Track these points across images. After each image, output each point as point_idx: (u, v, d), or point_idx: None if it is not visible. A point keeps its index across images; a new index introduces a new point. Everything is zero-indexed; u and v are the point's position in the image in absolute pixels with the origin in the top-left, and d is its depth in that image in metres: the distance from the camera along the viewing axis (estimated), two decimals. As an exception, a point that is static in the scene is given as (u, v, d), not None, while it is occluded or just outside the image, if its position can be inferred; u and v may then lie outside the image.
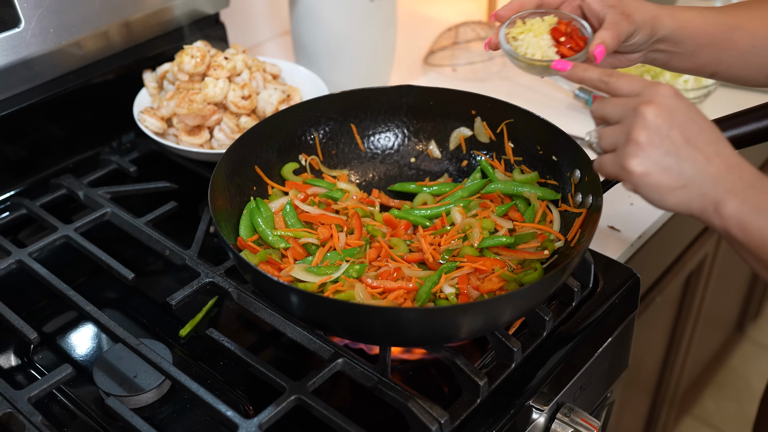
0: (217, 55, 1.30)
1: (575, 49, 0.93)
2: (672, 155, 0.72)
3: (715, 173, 0.72)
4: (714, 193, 0.71)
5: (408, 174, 1.17)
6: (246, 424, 0.84)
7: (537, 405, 0.93)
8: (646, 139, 0.72)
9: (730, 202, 0.71)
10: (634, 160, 0.73)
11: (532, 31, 0.94)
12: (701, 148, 0.72)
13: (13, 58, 1.15)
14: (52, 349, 1.05)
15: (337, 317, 0.85)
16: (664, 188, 0.73)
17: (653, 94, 0.74)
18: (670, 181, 0.72)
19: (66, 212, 1.25)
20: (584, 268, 1.05)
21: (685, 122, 0.73)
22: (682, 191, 0.72)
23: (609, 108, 0.78)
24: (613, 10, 0.92)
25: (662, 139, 0.72)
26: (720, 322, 2.22)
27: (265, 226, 1.00)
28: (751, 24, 0.96)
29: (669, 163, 0.72)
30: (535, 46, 0.93)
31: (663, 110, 0.73)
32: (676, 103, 0.73)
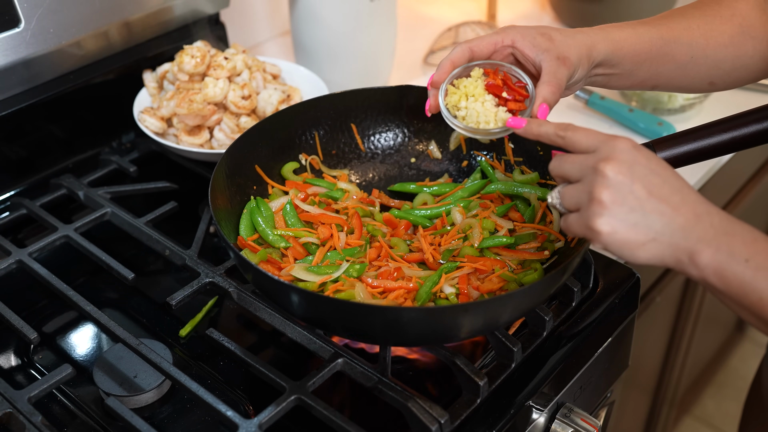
0: (217, 55, 1.30)
1: (519, 99, 0.90)
2: (637, 210, 0.70)
3: (684, 223, 0.70)
4: (685, 243, 0.70)
5: (408, 174, 1.17)
6: (246, 424, 0.84)
7: (537, 405, 0.93)
8: (609, 197, 0.71)
9: (704, 252, 0.69)
10: (599, 219, 0.71)
11: (472, 95, 0.91)
12: (666, 198, 0.71)
13: (13, 58, 1.15)
14: (52, 349, 1.05)
15: (337, 316, 0.85)
16: (634, 244, 0.71)
17: (611, 150, 0.72)
18: (639, 236, 0.71)
19: (66, 212, 1.25)
20: (584, 269, 1.05)
21: (646, 175, 0.71)
22: (652, 245, 0.71)
23: (567, 167, 0.76)
24: (548, 55, 0.89)
25: (625, 195, 0.70)
26: (720, 322, 2.22)
27: (266, 225, 1.00)
28: (687, 35, 0.94)
29: (635, 219, 0.70)
30: (484, 114, 0.90)
31: (623, 165, 0.71)
32: (635, 156, 0.72)
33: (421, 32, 1.80)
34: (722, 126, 0.88)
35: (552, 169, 0.78)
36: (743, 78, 0.99)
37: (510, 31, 0.91)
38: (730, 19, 0.95)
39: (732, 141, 0.88)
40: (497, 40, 0.91)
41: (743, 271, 0.68)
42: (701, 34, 0.94)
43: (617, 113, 1.45)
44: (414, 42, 1.75)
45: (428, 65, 1.68)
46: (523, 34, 0.90)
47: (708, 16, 0.95)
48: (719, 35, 0.95)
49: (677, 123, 1.42)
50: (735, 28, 0.95)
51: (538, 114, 0.87)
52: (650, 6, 1.72)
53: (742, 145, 0.89)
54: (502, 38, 0.91)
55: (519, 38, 0.90)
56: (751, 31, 0.95)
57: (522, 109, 0.90)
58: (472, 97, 0.91)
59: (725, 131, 0.88)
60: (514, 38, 0.90)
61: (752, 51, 0.96)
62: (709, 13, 0.96)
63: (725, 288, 0.70)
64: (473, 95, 0.91)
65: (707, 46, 0.95)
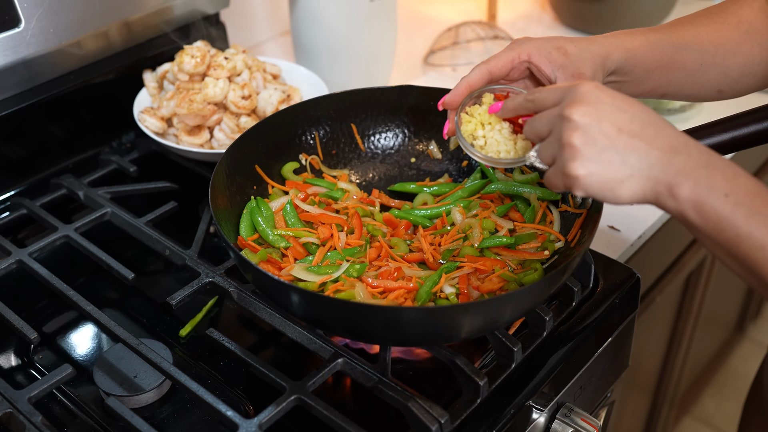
0: (217, 55, 1.30)
1: None
2: (609, 149, 0.70)
3: (660, 156, 0.69)
4: (664, 176, 0.69)
5: (408, 174, 1.17)
6: (246, 424, 0.84)
7: (537, 405, 0.93)
8: (579, 140, 0.71)
9: (683, 185, 0.69)
10: (573, 163, 0.71)
11: (488, 123, 0.90)
12: (638, 133, 0.70)
13: (13, 58, 1.15)
14: (52, 349, 1.05)
15: (337, 316, 0.85)
16: (613, 183, 0.71)
17: (574, 95, 0.72)
18: (616, 174, 0.70)
19: (66, 212, 1.25)
20: (584, 268, 1.05)
21: (613, 113, 0.71)
22: (631, 181, 0.70)
23: (537, 124, 0.76)
24: (563, 72, 0.89)
25: (595, 135, 0.70)
26: (720, 321, 2.22)
27: (266, 225, 1.00)
28: (697, 42, 0.94)
29: (609, 158, 0.70)
30: (504, 143, 0.90)
31: (588, 107, 0.71)
32: (599, 96, 0.71)
33: (421, 32, 1.80)
34: (722, 126, 0.88)
35: (525, 132, 0.79)
36: (751, 85, 0.98)
37: (525, 46, 0.91)
38: (737, 26, 0.95)
39: (732, 141, 0.88)
40: (513, 56, 0.91)
41: (722, 206, 0.68)
42: (710, 41, 0.94)
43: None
44: (414, 42, 1.75)
45: (428, 65, 1.68)
46: (539, 49, 0.90)
47: (715, 24, 0.95)
48: (727, 42, 0.95)
49: (677, 123, 1.42)
50: (742, 35, 0.95)
51: None
52: (650, 6, 1.72)
53: (742, 145, 0.89)
54: (518, 54, 0.91)
55: (535, 53, 0.90)
56: (757, 38, 0.96)
57: None
58: (489, 125, 0.91)
59: (725, 131, 0.88)
60: (530, 53, 0.90)
61: (759, 57, 0.96)
62: (716, 20, 0.96)
63: (703, 223, 0.69)
64: (489, 123, 0.91)
65: (716, 53, 0.95)
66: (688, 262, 1.59)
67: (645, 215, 1.25)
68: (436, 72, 1.67)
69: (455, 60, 1.69)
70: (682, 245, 1.56)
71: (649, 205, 1.24)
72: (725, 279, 1.93)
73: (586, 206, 0.98)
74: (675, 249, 1.53)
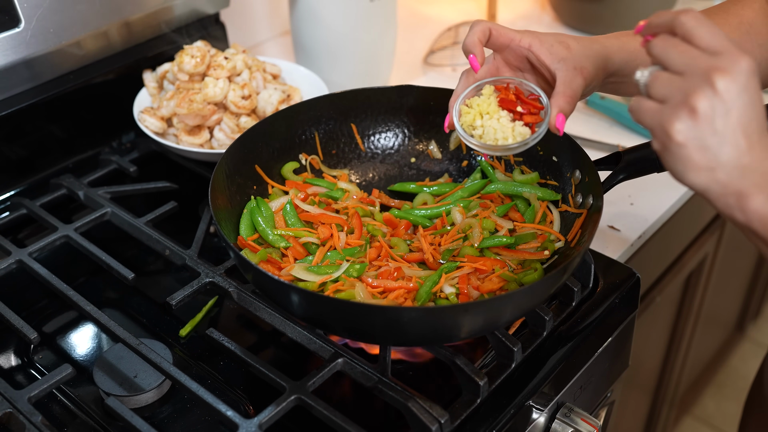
0: (217, 54, 1.30)
1: (534, 112, 0.90)
2: (718, 136, 0.66)
3: (749, 164, 0.67)
4: (739, 184, 0.67)
5: (408, 174, 1.17)
6: (246, 424, 0.84)
7: (537, 405, 0.93)
8: (704, 110, 0.66)
9: (755, 197, 0.67)
10: (680, 125, 0.66)
11: (486, 113, 0.90)
12: (748, 135, 0.67)
13: (13, 58, 1.15)
14: (52, 349, 1.05)
15: (337, 316, 0.85)
16: (692, 164, 0.68)
17: (732, 63, 0.66)
18: (701, 160, 0.67)
19: (66, 212, 1.25)
20: (584, 268, 1.05)
21: (746, 105, 0.66)
22: (706, 173, 0.68)
23: (674, 54, 0.69)
24: (564, 64, 0.87)
25: (718, 116, 0.66)
26: (720, 321, 2.22)
27: (266, 225, 1.00)
28: None
29: (711, 143, 0.66)
30: (501, 130, 0.90)
31: (735, 84, 0.66)
32: (749, 82, 0.67)
33: (421, 32, 1.80)
34: None
35: (655, 47, 0.70)
36: None
37: (527, 35, 0.91)
38: (738, 27, 0.95)
39: None
40: (515, 36, 0.91)
41: None
42: None
43: (617, 113, 1.45)
44: (414, 42, 1.75)
45: (428, 65, 1.68)
46: (540, 40, 0.90)
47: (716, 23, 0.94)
48: None
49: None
50: (743, 36, 0.94)
51: (556, 124, 0.86)
52: (650, 6, 1.72)
53: None
54: (519, 38, 0.90)
55: (536, 43, 0.90)
56: (758, 39, 0.95)
57: (538, 121, 0.90)
58: (487, 114, 0.91)
59: None
60: (531, 43, 0.90)
61: (760, 58, 0.95)
62: (717, 21, 0.95)
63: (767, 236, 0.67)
64: (488, 113, 0.91)
65: None
66: (688, 262, 1.59)
67: (645, 215, 1.25)
68: (436, 72, 1.67)
69: (455, 60, 1.68)
70: (683, 245, 1.56)
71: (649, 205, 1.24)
72: (725, 279, 1.93)
73: (586, 206, 0.98)
74: (675, 249, 1.53)
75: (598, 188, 0.94)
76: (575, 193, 1.01)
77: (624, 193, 1.28)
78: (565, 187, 1.04)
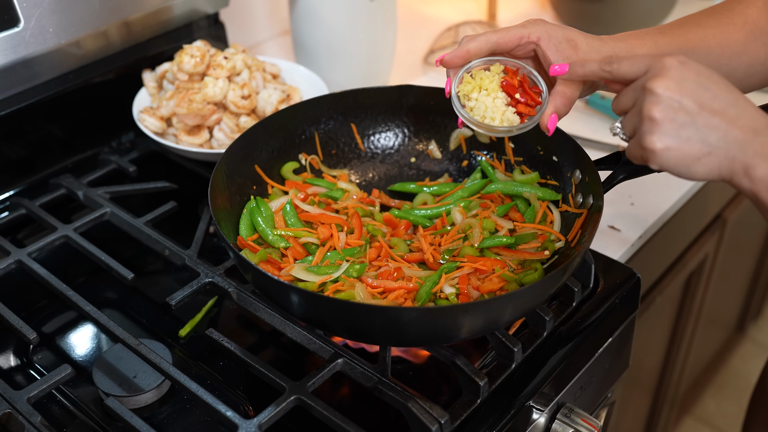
0: (216, 54, 1.30)
1: (531, 104, 0.90)
2: (689, 125, 0.71)
3: (739, 136, 0.71)
4: (742, 156, 0.70)
5: (408, 174, 1.17)
6: (246, 425, 0.84)
7: (537, 405, 0.93)
8: (660, 113, 0.72)
9: (759, 166, 0.70)
10: (651, 137, 0.72)
11: (485, 89, 0.90)
12: (720, 111, 0.71)
13: (12, 58, 1.14)
14: (51, 349, 1.05)
15: (337, 317, 0.85)
16: (689, 159, 0.72)
17: (659, 68, 0.73)
18: (693, 150, 0.72)
19: (65, 212, 1.25)
20: (585, 268, 1.05)
21: (695, 90, 0.72)
22: (708, 159, 0.72)
23: (622, 98, 0.78)
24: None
25: (675, 110, 0.71)
26: (721, 322, 2.22)
27: (265, 225, 1.00)
28: (704, 45, 0.94)
29: (688, 134, 0.71)
30: (492, 110, 0.90)
31: (671, 81, 0.72)
32: (683, 72, 0.72)
33: (421, 32, 1.80)
34: None
35: (613, 107, 0.80)
36: (755, 84, 0.98)
37: (537, 28, 0.90)
38: (743, 26, 0.95)
39: None
40: (523, 34, 0.90)
41: None
42: (716, 43, 0.94)
43: (618, 113, 1.45)
44: (414, 41, 1.75)
45: (428, 65, 1.68)
46: (549, 35, 0.89)
47: (722, 25, 0.95)
48: (733, 44, 0.95)
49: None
50: (748, 36, 0.95)
51: (547, 124, 0.87)
52: (650, 6, 1.72)
53: None
54: (528, 33, 0.90)
55: (545, 38, 0.89)
56: (762, 38, 0.95)
57: (531, 114, 0.90)
58: (485, 90, 0.90)
59: None
60: (540, 36, 0.90)
61: (764, 57, 0.95)
62: (723, 21, 0.95)
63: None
64: (486, 89, 0.90)
65: (722, 55, 0.94)
66: (689, 262, 1.59)
67: (646, 215, 1.25)
68: (436, 72, 1.66)
69: (455, 60, 1.68)
70: (683, 245, 1.56)
71: (649, 205, 1.24)
72: (726, 279, 1.93)
73: (587, 206, 0.98)
74: (676, 249, 1.53)
75: (599, 188, 0.94)
76: (575, 192, 1.01)
77: (624, 193, 1.28)
78: (565, 186, 1.04)
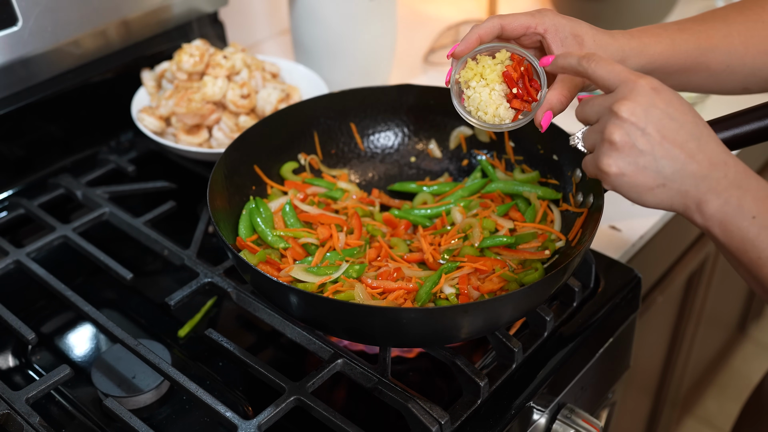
0: (216, 53, 1.29)
1: (526, 100, 0.89)
2: (648, 154, 0.70)
3: (696, 171, 0.70)
4: (695, 192, 0.70)
5: (408, 173, 1.16)
6: (245, 425, 0.84)
7: (538, 406, 0.93)
8: (620, 138, 0.71)
9: (711, 202, 0.70)
10: (607, 160, 0.72)
11: (484, 78, 0.89)
12: (681, 144, 0.70)
13: (10, 57, 1.14)
14: (50, 349, 1.04)
15: (336, 317, 0.85)
16: (641, 188, 0.72)
17: (629, 90, 0.71)
18: (647, 180, 0.71)
19: (64, 212, 1.25)
20: (585, 268, 1.04)
21: (661, 119, 0.70)
22: (660, 190, 0.71)
23: (587, 109, 0.76)
24: None
25: (637, 138, 0.70)
26: (722, 322, 2.21)
27: (265, 225, 1.00)
28: (726, 43, 0.91)
29: (645, 163, 0.70)
30: (485, 104, 0.89)
31: (638, 107, 0.70)
32: (653, 99, 0.71)
33: (421, 31, 1.79)
34: (724, 124, 0.87)
35: (576, 113, 0.78)
36: None
37: (545, 19, 0.88)
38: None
39: (734, 138, 0.87)
40: (530, 24, 0.88)
41: (748, 227, 0.69)
42: (741, 41, 0.91)
43: (618, 112, 1.44)
44: (414, 41, 1.75)
45: (428, 64, 1.67)
46: (556, 28, 0.87)
47: (750, 22, 0.92)
48: (760, 42, 0.91)
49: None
50: None
51: (541, 121, 0.86)
52: (651, 5, 1.71)
53: (744, 143, 0.87)
54: (536, 24, 0.88)
55: (552, 31, 0.87)
56: None
57: (526, 109, 0.89)
58: (484, 80, 0.89)
59: (727, 129, 0.87)
60: (547, 28, 0.88)
61: None
62: (751, 17, 0.92)
63: (727, 241, 0.70)
64: (485, 79, 0.90)
65: (746, 54, 0.92)
66: (690, 262, 1.59)
67: (646, 215, 1.25)
68: (436, 71, 1.66)
69: (455, 59, 1.68)
70: (684, 245, 1.56)
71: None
72: (727, 279, 1.92)
73: (587, 205, 0.97)
74: (677, 249, 1.53)
75: (599, 187, 0.94)
76: (576, 192, 1.01)
77: (625, 192, 1.28)
78: (565, 186, 1.03)
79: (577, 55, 0.78)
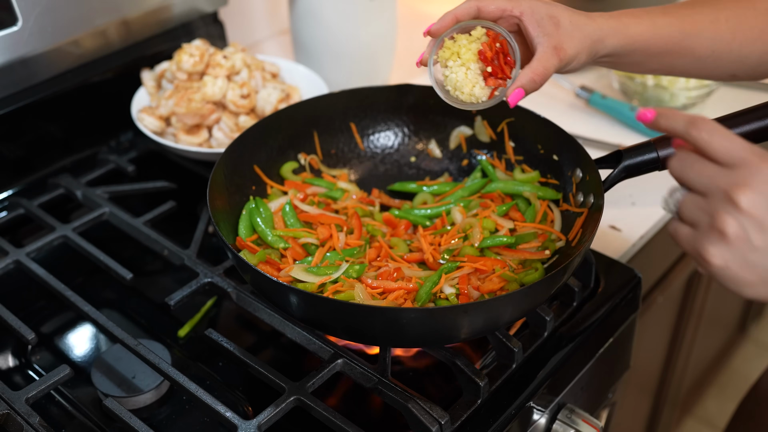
0: (215, 53, 1.29)
1: (501, 77, 0.89)
2: (759, 251, 0.62)
3: None
4: None
5: (408, 173, 1.16)
6: (245, 425, 0.84)
7: (538, 406, 0.93)
8: (734, 231, 0.61)
9: None
10: (713, 249, 0.63)
11: (460, 57, 0.90)
12: None
13: (10, 57, 1.14)
14: (50, 349, 1.04)
15: (336, 317, 0.84)
16: (743, 282, 0.64)
17: (751, 176, 0.61)
18: (752, 276, 0.63)
19: (64, 212, 1.25)
20: (585, 268, 1.04)
21: None
22: (762, 287, 0.63)
23: (693, 176, 0.64)
24: (546, 40, 0.85)
25: (753, 233, 0.61)
26: (722, 322, 2.21)
27: (265, 225, 1.00)
28: (712, 29, 0.89)
29: (755, 260, 0.62)
30: (462, 83, 0.90)
31: (760, 198, 0.61)
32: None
33: (421, 31, 1.79)
34: (724, 124, 0.87)
35: (672, 169, 0.67)
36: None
37: (521, 2, 0.88)
38: (765, 12, 0.90)
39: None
40: (507, 7, 0.88)
41: None
42: (728, 28, 0.89)
43: (619, 112, 1.44)
44: (414, 41, 1.74)
45: (428, 64, 1.67)
46: (533, 10, 0.87)
47: (741, 8, 0.90)
48: (749, 30, 0.89)
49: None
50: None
51: (509, 98, 0.86)
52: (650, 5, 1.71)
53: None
54: (512, 6, 0.88)
55: (528, 13, 0.87)
56: None
57: (501, 86, 0.90)
58: (459, 60, 0.90)
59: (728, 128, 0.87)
60: (523, 11, 0.87)
61: None
62: (742, 4, 0.90)
63: None
64: (460, 57, 0.90)
65: (733, 40, 0.89)
66: (690, 262, 1.58)
67: (647, 215, 1.25)
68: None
69: (455, 59, 1.68)
70: (684, 245, 1.55)
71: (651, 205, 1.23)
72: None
73: (587, 205, 0.97)
74: (677, 249, 1.52)
75: (599, 187, 0.94)
76: (576, 192, 1.01)
77: (625, 192, 1.28)
78: (565, 186, 1.03)
79: (684, 120, 0.66)
